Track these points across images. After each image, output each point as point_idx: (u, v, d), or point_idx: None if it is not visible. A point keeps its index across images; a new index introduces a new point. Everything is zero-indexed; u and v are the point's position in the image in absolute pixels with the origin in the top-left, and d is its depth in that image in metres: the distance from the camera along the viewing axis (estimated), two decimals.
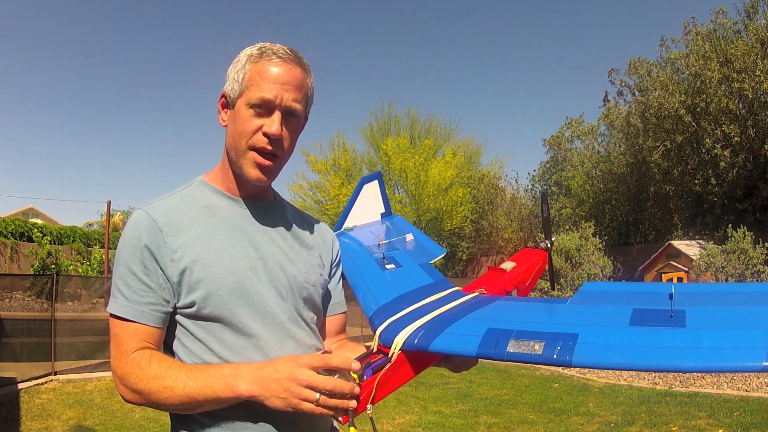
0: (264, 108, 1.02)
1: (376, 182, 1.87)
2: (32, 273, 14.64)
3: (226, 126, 1.08)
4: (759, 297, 0.97)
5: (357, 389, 0.91)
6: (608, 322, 0.95)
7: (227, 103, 1.08)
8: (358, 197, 1.82)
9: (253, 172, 1.04)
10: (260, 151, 1.03)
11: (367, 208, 1.81)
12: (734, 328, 0.85)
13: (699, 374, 6.57)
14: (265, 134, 1.02)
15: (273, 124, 1.02)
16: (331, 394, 0.90)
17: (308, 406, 0.90)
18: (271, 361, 0.94)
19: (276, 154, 1.05)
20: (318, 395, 0.89)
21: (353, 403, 0.92)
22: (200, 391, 0.93)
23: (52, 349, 6.87)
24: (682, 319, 0.89)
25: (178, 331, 1.03)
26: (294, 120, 1.06)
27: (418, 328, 1.04)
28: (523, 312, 1.13)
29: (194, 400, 0.93)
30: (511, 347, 0.91)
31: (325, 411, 0.90)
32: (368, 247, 1.53)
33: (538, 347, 0.89)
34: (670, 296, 0.97)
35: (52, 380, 6.50)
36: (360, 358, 1.00)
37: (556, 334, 0.90)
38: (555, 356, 0.86)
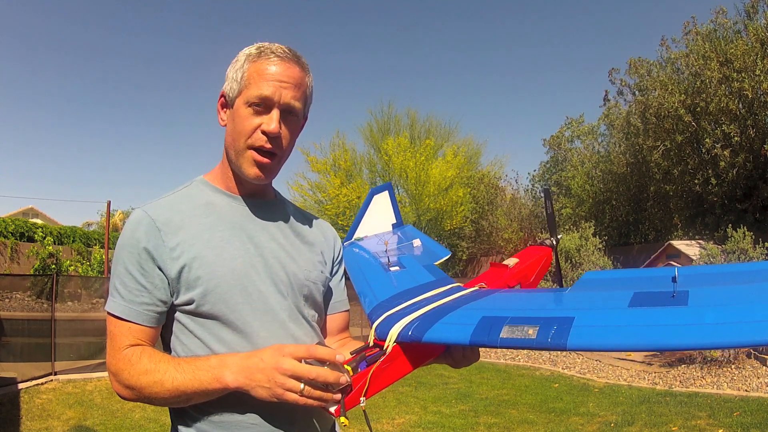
0: (263, 106, 1.02)
1: (386, 193, 1.88)
2: (32, 273, 14.63)
3: (226, 125, 1.09)
4: (765, 275, 0.94)
5: (344, 378, 0.89)
6: (606, 305, 0.92)
7: (226, 103, 1.08)
8: (368, 208, 1.82)
9: (251, 171, 1.05)
10: (259, 149, 1.03)
11: (378, 218, 1.82)
12: (738, 303, 0.82)
13: (699, 374, 6.57)
14: (263, 132, 1.02)
15: (271, 122, 1.02)
16: (315, 384, 0.88)
17: (292, 396, 0.89)
18: (257, 351, 0.94)
19: (275, 152, 1.05)
20: (302, 385, 0.88)
21: (338, 396, 0.90)
22: (188, 384, 0.93)
23: (52, 349, 6.86)
24: (685, 299, 0.86)
25: (177, 328, 1.03)
26: (293, 118, 1.06)
27: (413, 320, 1.03)
28: (521, 300, 1.12)
29: (183, 393, 0.93)
30: (505, 333, 0.88)
31: (311, 401, 0.89)
32: (375, 253, 1.54)
33: (531, 332, 0.86)
34: (674, 279, 0.95)
35: (52, 380, 6.50)
36: (355, 352, 1.00)
37: (550, 319, 0.88)
38: (549, 340, 0.84)
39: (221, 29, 47.85)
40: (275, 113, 1.03)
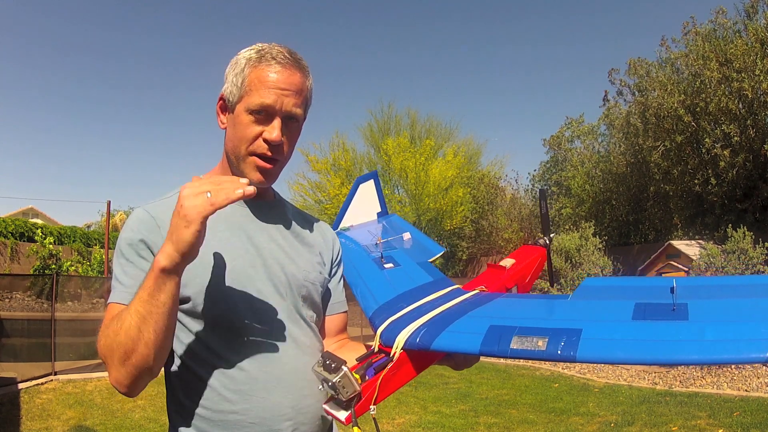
0: (264, 114, 1.02)
1: (372, 182, 1.86)
2: (32, 273, 14.64)
3: (225, 129, 1.09)
4: (763, 289, 0.96)
5: (250, 189, 0.86)
6: (611, 317, 0.94)
7: (226, 107, 1.07)
8: (354, 197, 1.81)
9: (254, 176, 1.05)
10: (261, 156, 1.04)
11: (364, 207, 1.81)
12: (737, 320, 0.84)
13: (699, 374, 6.57)
14: (265, 140, 1.02)
15: (273, 130, 1.02)
16: (219, 190, 0.85)
17: (202, 209, 0.84)
18: None
19: (276, 158, 1.05)
20: (208, 194, 0.84)
21: (245, 183, 0.87)
22: (138, 298, 0.89)
23: (52, 349, 6.87)
24: (685, 312, 0.88)
25: (176, 326, 1.03)
26: (294, 124, 1.06)
27: (419, 326, 1.03)
28: (525, 308, 1.12)
29: (139, 313, 0.88)
30: (515, 344, 0.89)
31: (220, 200, 0.85)
32: (366, 246, 1.53)
33: (541, 343, 0.88)
34: (672, 290, 0.97)
35: (52, 380, 6.50)
36: (361, 359, 1.01)
37: (559, 330, 0.89)
38: (559, 352, 0.86)
39: (221, 29, 47.92)
40: (277, 122, 1.02)
